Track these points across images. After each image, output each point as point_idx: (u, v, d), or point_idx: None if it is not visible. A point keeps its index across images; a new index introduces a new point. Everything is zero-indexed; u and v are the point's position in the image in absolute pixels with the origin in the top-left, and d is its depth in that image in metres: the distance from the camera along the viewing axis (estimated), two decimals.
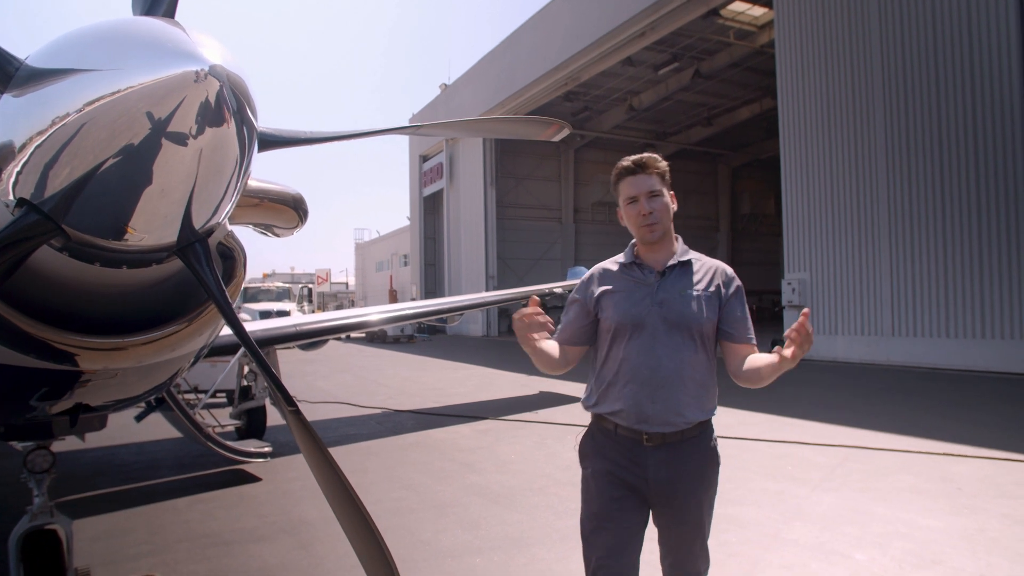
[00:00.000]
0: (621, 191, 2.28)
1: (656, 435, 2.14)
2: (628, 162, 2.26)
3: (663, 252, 2.28)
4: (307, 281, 50.74)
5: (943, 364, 12.98)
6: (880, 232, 14.36)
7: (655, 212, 2.20)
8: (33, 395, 2.30)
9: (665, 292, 2.19)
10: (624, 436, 2.18)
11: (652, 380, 2.13)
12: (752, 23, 21.66)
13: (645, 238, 2.23)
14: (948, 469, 5.64)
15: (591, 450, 2.29)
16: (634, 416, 2.14)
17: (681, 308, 2.17)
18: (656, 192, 2.21)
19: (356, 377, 14.99)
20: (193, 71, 1.25)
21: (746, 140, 33.97)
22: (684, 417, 2.13)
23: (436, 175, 37.14)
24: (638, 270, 2.27)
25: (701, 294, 2.20)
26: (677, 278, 2.23)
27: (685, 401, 2.15)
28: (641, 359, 2.15)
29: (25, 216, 1.44)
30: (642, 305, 2.19)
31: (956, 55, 12.90)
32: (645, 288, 2.22)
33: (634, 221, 2.24)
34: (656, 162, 2.25)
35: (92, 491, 5.65)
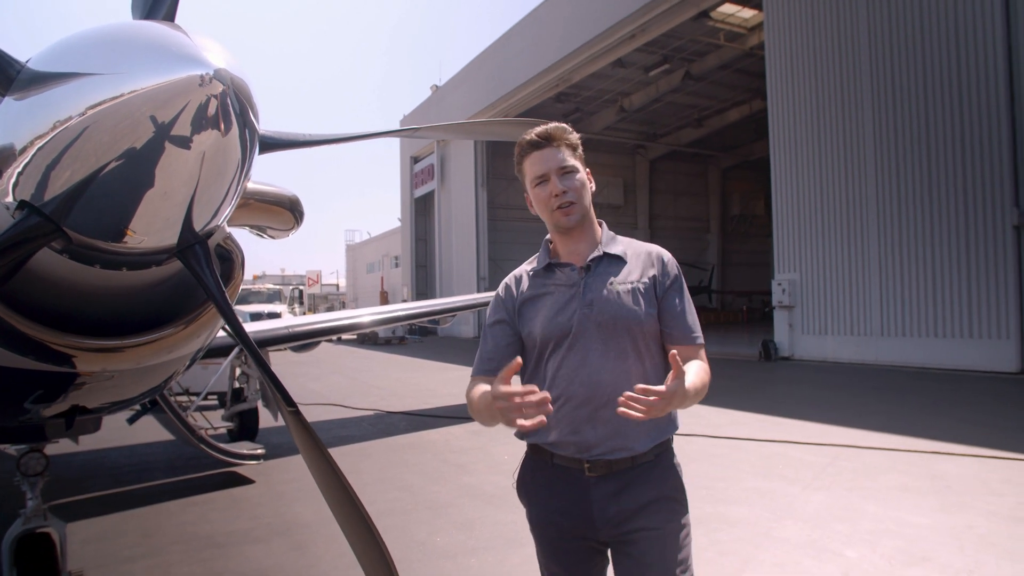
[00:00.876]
0: (526, 171, 1.89)
1: (600, 463, 1.77)
2: (531, 135, 1.88)
3: (584, 242, 1.90)
4: (298, 283, 50.59)
5: (931, 363, 13.10)
6: (869, 233, 14.47)
7: (570, 191, 1.83)
8: (30, 397, 2.30)
9: (592, 291, 1.82)
10: (562, 467, 1.82)
11: (590, 399, 1.76)
12: (742, 25, 21.79)
13: (560, 224, 1.85)
14: (937, 467, 5.71)
15: (528, 487, 1.93)
16: (573, 444, 1.78)
17: (614, 307, 1.80)
18: (568, 168, 1.84)
19: (348, 379, 14.96)
20: (198, 75, 1.27)
21: (736, 142, 34.14)
22: (633, 445, 1.77)
23: (427, 176, 37.12)
24: (557, 271, 1.90)
25: (635, 285, 1.83)
26: (605, 271, 1.86)
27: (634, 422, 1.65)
28: (574, 375, 1.78)
29: (26, 218, 1.45)
30: (568, 310, 1.82)
31: (943, 57, 13.03)
32: (568, 290, 1.85)
33: (544, 204, 1.86)
34: (565, 133, 1.90)
35: (84, 494, 5.63)
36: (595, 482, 1.78)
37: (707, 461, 6.11)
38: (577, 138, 1.92)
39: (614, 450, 1.77)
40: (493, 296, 2.02)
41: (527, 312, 1.89)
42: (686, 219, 37.58)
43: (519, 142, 1.92)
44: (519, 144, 1.91)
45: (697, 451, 6.47)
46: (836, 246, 15.14)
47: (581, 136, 1.96)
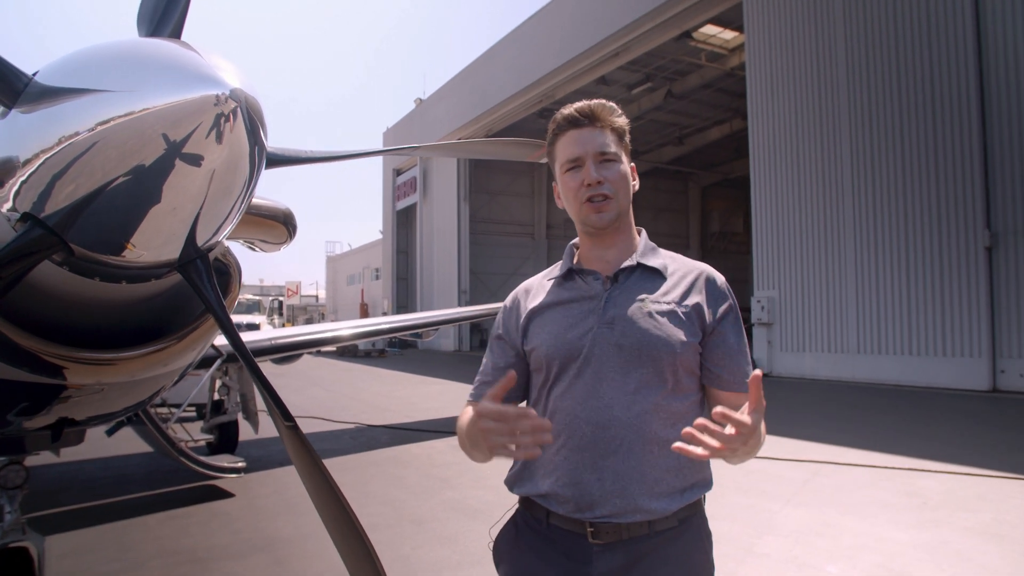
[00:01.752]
0: (558, 152, 1.54)
1: (607, 527, 1.39)
2: (571, 109, 1.53)
3: (616, 248, 1.55)
4: (277, 294, 50.17)
5: (906, 381, 13.32)
6: (846, 252, 14.73)
7: (607, 183, 1.48)
8: (16, 408, 2.27)
9: (617, 306, 1.46)
10: (559, 529, 1.45)
11: (597, 442, 1.40)
12: (723, 46, 22.17)
13: (589, 221, 1.50)
14: (913, 483, 5.80)
15: (509, 552, 1.54)
16: (572, 499, 1.41)
17: (641, 328, 1.43)
18: (610, 155, 1.49)
19: (328, 392, 14.85)
20: (214, 95, 1.28)
21: (716, 160, 34.61)
22: (649, 506, 1.39)
23: (409, 189, 37.11)
24: (578, 279, 1.55)
25: (675, 308, 1.46)
26: (636, 285, 1.50)
27: (652, 476, 1.39)
28: (580, 408, 1.42)
29: (30, 231, 1.45)
30: (582, 326, 1.46)
31: (918, 82, 13.38)
32: (587, 303, 1.49)
33: (573, 195, 1.50)
34: (612, 113, 1.54)
35: (59, 507, 5.52)
36: (599, 552, 1.39)
37: None
38: (625, 123, 1.57)
39: (623, 512, 1.39)
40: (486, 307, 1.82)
41: (535, 325, 1.55)
42: (667, 235, 37.90)
43: (554, 118, 1.56)
44: (554, 120, 1.56)
45: None
46: (814, 264, 15.39)
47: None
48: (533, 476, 1.49)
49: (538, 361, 1.52)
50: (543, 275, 1.68)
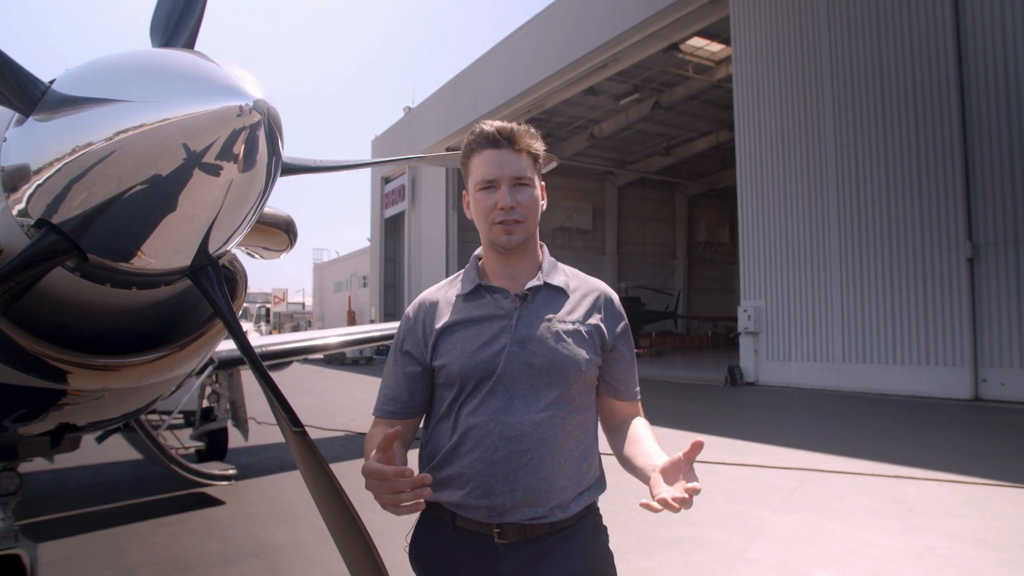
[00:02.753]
0: (473, 168, 1.57)
1: (512, 527, 1.48)
2: (490, 128, 1.55)
3: (522, 267, 1.61)
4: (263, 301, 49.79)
5: (890, 390, 13.48)
6: (831, 262, 14.91)
7: (519, 208, 1.53)
8: (15, 414, 2.28)
9: (527, 325, 1.53)
10: (465, 532, 1.53)
11: (509, 456, 1.47)
12: (710, 58, 22.43)
13: (498, 242, 1.55)
14: (899, 491, 5.88)
15: (424, 555, 1.64)
16: (484, 508, 1.48)
17: (551, 349, 1.51)
18: (524, 179, 1.54)
19: (316, 399, 14.78)
20: (237, 105, 1.31)
21: (703, 170, 34.93)
22: (555, 512, 1.50)
23: (398, 197, 37.11)
24: (487, 296, 1.59)
25: (578, 327, 1.56)
26: (543, 305, 1.57)
27: (559, 485, 1.50)
28: (493, 424, 1.48)
29: (45, 236, 1.47)
30: (494, 345, 1.52)
31: (901, 95, 13.62)
32: (498, 321, 1.55)
33: (485, 215, 1.55)
34: (530, 137, 1.57)
35: (48, 515, 5.47)
36: (505, 551, 1.49)
37: None
38: (541, 147, 1.60)
39: (532, 517, 1.49)
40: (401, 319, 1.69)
41: (444, 342, 1.57)
42: (653, 245, 38.15)
43: (471, 131, 1.59)
44: (472, 133, 1.58)
45: None
46: (800, 274, 15.56)
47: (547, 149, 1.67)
48: (447, 485, 1.55)
49: (449, 378, 1.55)
50: (445, 287, 1.70)
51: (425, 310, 1.65)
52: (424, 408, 1.65)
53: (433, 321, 1.61)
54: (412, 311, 1.68)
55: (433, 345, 1.59)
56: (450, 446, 1.53)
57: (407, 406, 1.63)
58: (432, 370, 1.60)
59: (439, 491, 1.54)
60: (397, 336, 1.67)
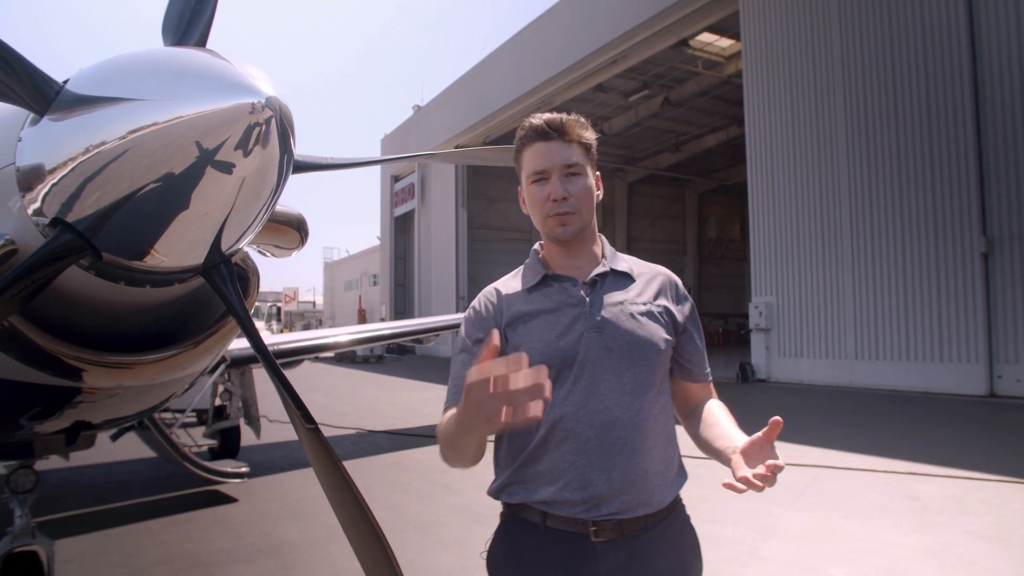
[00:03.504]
0: (525, 162, 1.55)
1: (610, 524, 1.43)
2: (539, 121, 1.53)
3: (583, 258, 1.59)
4: (274, 300, 50.07)
5: (904, 386, 13.38)
6: (843, 258, 14.81)
7: (572, 198, 1.50)
8: (31, 412, 2.29)
9: (601, 310, 1.51)
10: (557, 532, 1.45)
11: (603, 443, 1.43)
12: (720, 54, 22.31)
13: (553, 234, 1.53)
14: (914, 488, 5.83)
15: (508, 565, 1.52)
16: (578, 500, 1.42)
17: (628, 331, 1.50)
18: (576, 168, 1.51)
19: (327, 397, 14.84)
20: (249, 103, 1.31)
21: (713, 166, 34.76)
22: (651, 499, 1.46)
23: (407, 195, 37.17)
24: (555, 285, 1.56)
25: (650, 307, 1.55)
26: (612, 289, 1.56)
27: (652, 471, 1.47)
28: (581, 412, 1.44)
29: (60, 235, 1.48)
30: (572, 333, 1.48)
31: (914, 89, 13.49)
32: (571, 309, 1.52)
33: (539, 207, 1.53)
34: (580, 127, 1.54)
35: (62, 512, 5.52)
36: (603, 549, 1.42)
37: (691, 481, 6.12)
38: (593, 137, 1.57)
39: (629, 507, 1.43)
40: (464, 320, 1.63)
41: (517, 334, 1.52)
42: (663, 242, 38.01)
43: (523, 126, 1.57)
44: (522, 128, 1.56)
45: None
46: (812, 270, 15.46)
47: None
48: (526, 484, 1.48)
49: None
50: (508, 280, 1.65)
51: (494, 301, 1.60)
52: None
53: (503, 312, 1.56)
54: (480, 304, 1.62)
55: (505, 336, 1.53)
56: (537, 441, 1.46)
57: None
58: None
59: (526, 491, 1.48)
60: (464, 331, 1.60)
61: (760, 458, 1.27)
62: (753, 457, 1.29)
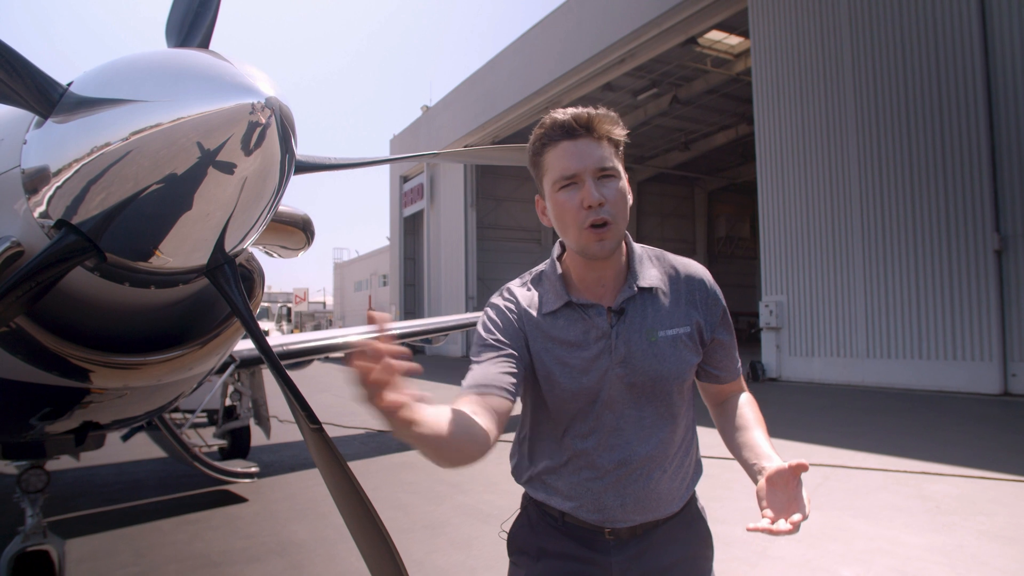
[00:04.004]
0: (549, 165, 1.37)
1: (624, 529, 1.49)
2: (564, 116, 1.35)
3: (610, 271, 1.45)
4: (284, 300, 50.29)
5: (916, 385, 13.26)
6: (854, 256, 14.70)
7: (609, 204, 1.34)
8: (41, 412, 2.31)
9: (627, 344, 1.42)
10: (574, 526, 1.50)
11: (620, 475, 1.45)
12: (729, 52, 22.19)
13: (591, 251, 1.37)
14: (926, 487, 5.78)
15: (527, 542, 1.56)
16: (594, 518, 1.48)
17: (653, 365, 1.42)
18: (610, 170, 1.35)
19: (337, 397, 14.88)
20: (249, 103, 1.32)
21: (722, 165, 34.59)
22: (669, 508, 1.52)
23: (416, 196, 37.22)
24: (579, 311, 1.45)
25: (679, 332, 1.46)
26: (639, 314, 1.45)
27: (668, 488, 1.50)
28: (601, 451, 1.45)
29: (64, 237, 1.49)
30: (595, 370, 1.42)
31: (925, 85, 13.37)
32: (596, 343, 1.42)
33: (572, 218, 1.35)
34: (611, 123, 1.38)
35: (74, 512, 5.56)
36: (616, 545, 1.49)
37: (702, 480, 6.14)
38: (624, 133, 1.41)
39: (641, 519, 1.49)
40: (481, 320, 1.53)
41: (540, 357, 1.46)
42: (673, 240, 37.87)
43: (542, 123, 1.39)
44: (542, 126, 1.38)
45: None
46: (822, 269, 15.36)
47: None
48: (548, 490, 1.53)
49: (552, 397, 1.46)
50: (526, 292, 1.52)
51: (517, 309, 1.49)
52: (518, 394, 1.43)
53: (526, 325, 1.47)
54: (503, 303, 1.50)
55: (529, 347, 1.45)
56: (557, 464, 1.50)
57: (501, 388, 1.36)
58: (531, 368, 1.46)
59: (541, 492, 1.53)
60: (483, 328, 1.48)
61: (786, 492, 1.22)
62: (779, 489, 1.24)
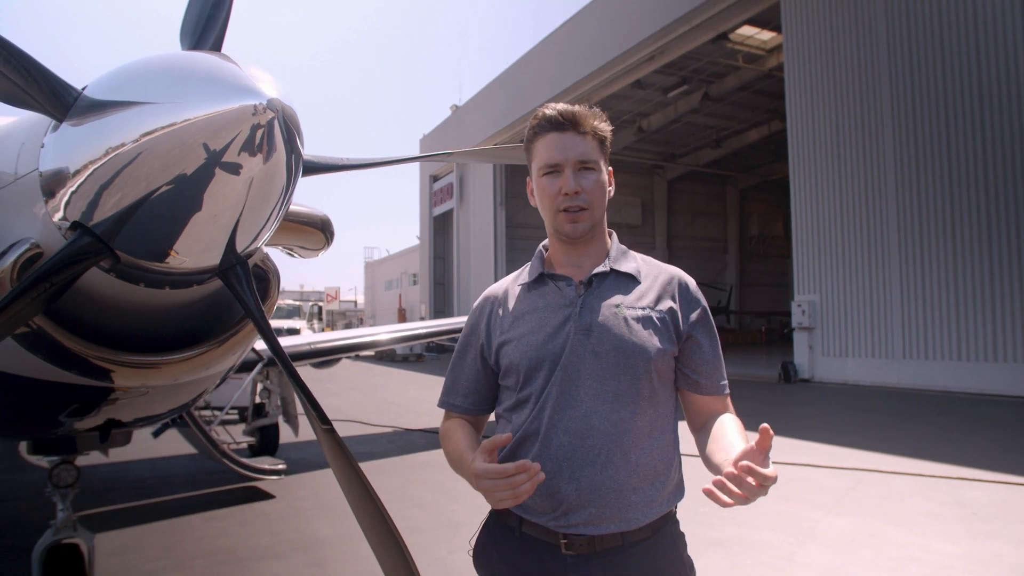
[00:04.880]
0: (536, 153, 1.51)
1: (580, 539, 1.38)
2: (552, 111, 1.49)
3: (589, 255, 1.53)
4: (316, 299, 50.95)
5: (955, 387, 12.90)
6: (890, 254, 14.36)
7: (585, 193, 1.46)
8: (67, 410, 2.36)
9: (592, 312, 1.45)
10: (532, 538, 1.43)
11: (575, 452, 1.38)
12: (760, 47, 21.86)
13: (563, 230, 1.48)
14: (963, 493, 5.61)
15: (489, 560, 1.53)
16: (547, 506, 1.39)
17: (618, 335, 1.42)
18: (590, 163, 1.47)
19: (366, 395, 15.03)
20: (252, 104, 1.33)
21: (755, 162, 34.10)
22: (625, 516, 1.39)
23: (446, 195, 37.42)
24: (551, 284, 1.52)
25: (649, 313, 1.47)
26: (610, 291, 1.49)
27: (629, 486, 1.39)
28: (558, 417, 1.40)
29: (79, 239, 1.52)
30: (558, 335, 1.44)
31: (965, 76, 12.99)
32: (562, 310, 1.47)
33: (550, 201, 1.48)
34: (596, 119, 1.50)
35: (107, 506, 5.70)
36: (573, 563, 1.39)
37: None
38: (609, 129, 1.54)
39: (599, 521, 1.37)
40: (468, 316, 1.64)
41: (508, 335, 1.51)
42: (704, 239, 37.47)
43: (535, 115, 1.52)
44: (535, 118, 1.52)
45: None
46: (857, 267, 15.04)
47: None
48: None
49: (513, 371, 1.49)
50: (511, 280, 1.64)
51: (490, 305, 1.60)
52: (492, 404, 1.60)
53: (498, 315, 1.57)
54: (478, 306, 1.63)
55: (498, 340, 1.53)
56: (515, 442, 1.45)
57: (475, 402, 1.59)
58: (498, 366, 1.54)
59: None
60: (464, 331, 1.63)
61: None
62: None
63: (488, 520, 1.58)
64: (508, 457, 1.46)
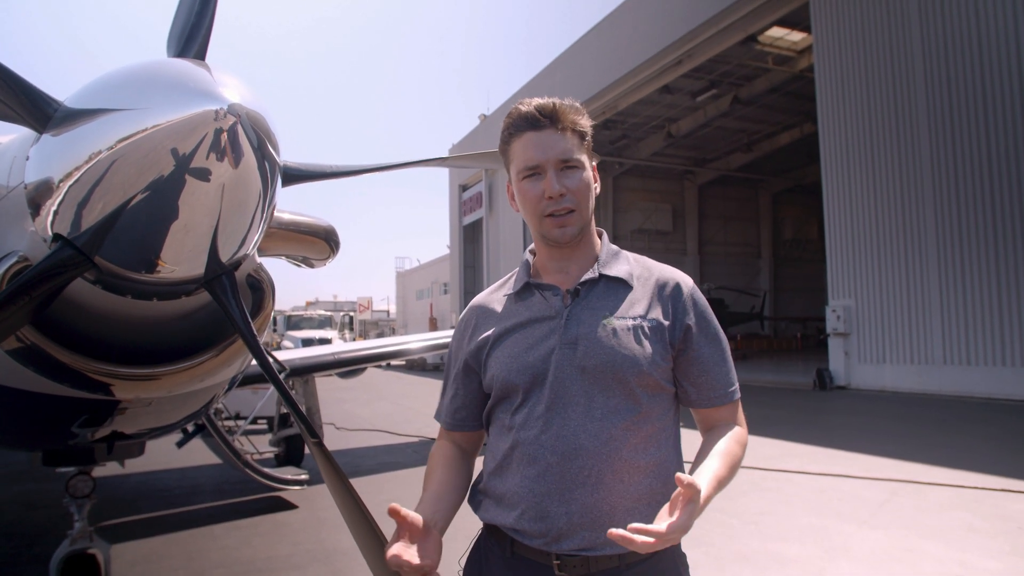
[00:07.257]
0: (514, 155, 1.41)
1: (575, 561, 1.31)
2: (528, 107, 1.39)
3: (577, 259, 1.45)
4: (349, 309, 51.53)
5: (999, 394, 12.42)
6: (928, 256, 13.94)
7: (570, 194, 1.37)
8: (70, 423, 2.37)
9: (579, 324, 1.37)
10: (524, 559, 1.37)
11: (564, 473, 1.31)
12: (791, 48, 21.51)
13: (550, 235, 1.40)
14: (1007, 506, 5.37)
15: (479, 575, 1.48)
16: (538, 530, 1.32)
17: (606, 349, 1.34)
18: (572, 162, 1.37)
19: (394, 405, 15.07)
20: (213, 110, 1.30)
21: (787, 165, 33.53)
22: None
23: (476, 204, 37.55)
24: (536, 294, 1.44)
25: (640, 323, 1.37)
26: (599, 300, 1.40)
27: (623, 507, 1.30)
28: (544, 439, 1.33)
29: (59, 251, 1.51)
30: (542, 348, 1.37)
31: (1003, 74, 12.59)
32: (547, 322, 1.40)
33: (534, 207, 1.39)
34: (575, 113, 1.39)
35: (133, 516, 5.77)
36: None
37: (757, 495, 5.89)
38: (589, 124, 1.42)
39: (593, 545, 1.29)
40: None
41: (493, 349, 1.44)
42: (737, 245, 36.92)
43: (510, 114, 1.42)
44: (510, 117, 1.41)
45: (746, 484, 6.25)
46: (893, 271, 14.63)
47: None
48: (499, 503, 1.41)
49: (498, 387, 1.42)
50: (496, 289, 1.56)
51: (475, 317, 1.53)
52: (475, 422, 1.55)
53: (483, 328, 1.48)
54: (463, 319, 1.56)
55: (484, 354, 1.46)
56: (501, 460, 1.39)
57: (463, 418, 1.54)
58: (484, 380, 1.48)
59: (492, 509, 1.42)
60: (451, 345, 1.57)
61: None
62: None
63: (479, 537, 1.51)
64: (496, 474, 1.41)
